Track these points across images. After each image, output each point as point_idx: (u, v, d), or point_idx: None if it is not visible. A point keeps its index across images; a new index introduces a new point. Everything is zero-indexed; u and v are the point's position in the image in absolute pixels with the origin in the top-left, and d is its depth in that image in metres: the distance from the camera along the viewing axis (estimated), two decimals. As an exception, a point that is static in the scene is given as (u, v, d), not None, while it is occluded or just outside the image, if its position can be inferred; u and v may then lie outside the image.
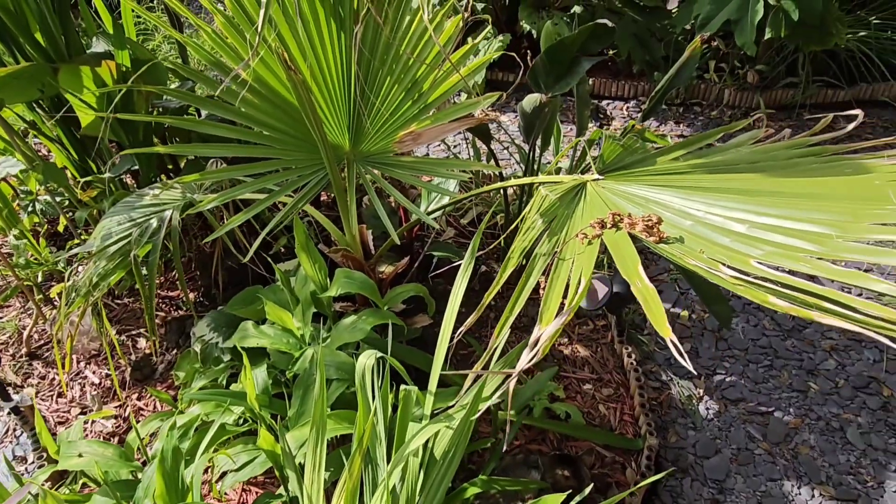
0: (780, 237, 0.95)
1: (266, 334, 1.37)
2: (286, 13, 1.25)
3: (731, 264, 0.90)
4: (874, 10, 3.33)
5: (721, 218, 1.04)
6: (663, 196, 1.15)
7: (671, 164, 1.26)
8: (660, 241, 1.00)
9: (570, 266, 1.01)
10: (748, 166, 1.20)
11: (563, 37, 1.38)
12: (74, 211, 2.30)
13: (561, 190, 1.20)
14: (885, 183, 1.03)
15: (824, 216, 0.97)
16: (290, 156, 1.39)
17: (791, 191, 1.09)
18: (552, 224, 1.13)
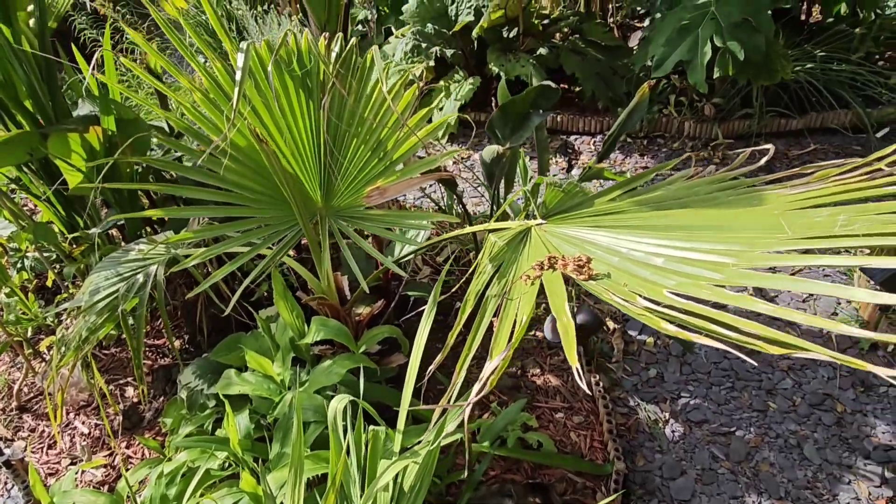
0: (689, 268, 1.07)
1: (248, 381, 1.46)
2: (258, 87, 1.37)
3: (647, 295, 1.02)
4: (818, 44, 3.55)
5: (643, 253, 1.16)
6: (596, 236, 1.28)
7: (607, 204, 1.39)
8: (589, 278, 1.11)
9: (517, 305, 1.12)
10: (674, 202, 1.33)
11: (514, 97, 1.52)
12: (62, 265, 2.39)
13: (508, 236, 1.32)
14: (782, 213, 1.15)
15: (727, 246, 1.09)
16: (266, 213, 1.50)
17: (704, 224, 1.22)
18: (501, 268, 1.24)
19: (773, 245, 1.03)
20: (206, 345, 2.21)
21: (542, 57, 3.64)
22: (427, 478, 1.15)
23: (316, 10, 2.02)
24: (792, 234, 1.03)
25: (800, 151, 3.30)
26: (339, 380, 1.38)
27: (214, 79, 1.40)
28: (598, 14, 4.19)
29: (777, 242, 1.03)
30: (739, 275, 1.01)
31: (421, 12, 3.63)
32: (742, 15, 2.75)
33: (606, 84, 3.64)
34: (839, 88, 3.38)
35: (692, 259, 1.09)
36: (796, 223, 1.06)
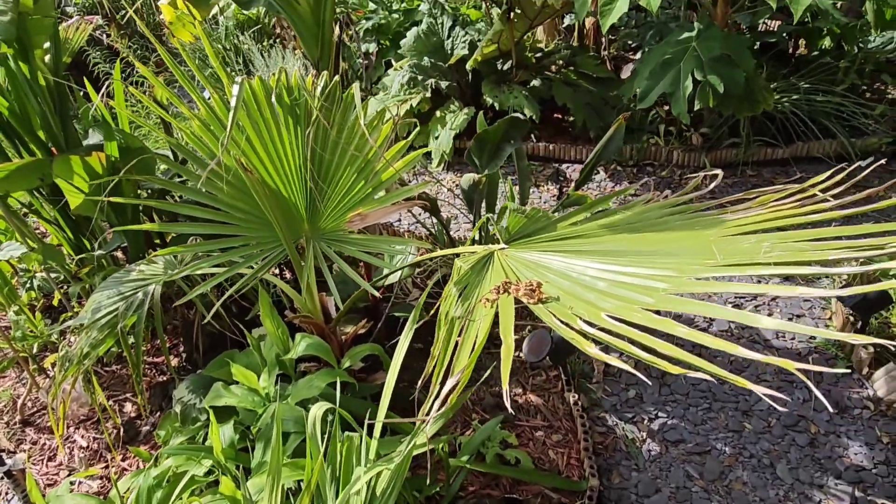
0: (625, 291, 1.16)
1: (234, 394, 1.55)
2: (251, 117, 1.49)
3: (587, 318, 1.11)
4: (804, 76, 3.67)
5: (590, 277, 1.25)
6: (553, 260, 1.37)
7: (567, 228, 1.48)
8: (539, 301, 1.20)
9: (477, 327, 1.21)
10: (627, 226, 1.42)
11: (486, 129, 1.63)
12: (69, 285, 2.50)
13: (473, 260, 1.41)
14: (716, 239, 1.24)
15: (662, 272, 1.17)
16: (255, 233, 1.61)
17: (648, 248, 1.31)
18: (465, 291, 1.33)
19: (699, 271, 1.12)
20: (202, 362, 2.30)
21: (535, 88, 3.78)
22: (399, 482, 1.23)
23: (308, 47, 2.17)
24: (721, 259, 1.11)
25: (786, 180, 3.38)
26: (319, 392, 1.47)
27: (212, 109, 1.53)
28: (591, 47, 4.34)
29: (704, 269, 1.12)
30: (666, 300, 1.10)
31: (418, 46, 3.79)
32: (722, 51, 2.87)
33: (597, 114, 3.76)
34: (824, 119, 3.47)
35: (628, 283, 1.18)
36: (726, 249, 1.15)
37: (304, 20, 2.03)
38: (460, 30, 3.75)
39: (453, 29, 3.77)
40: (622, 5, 2.72)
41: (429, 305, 2.60)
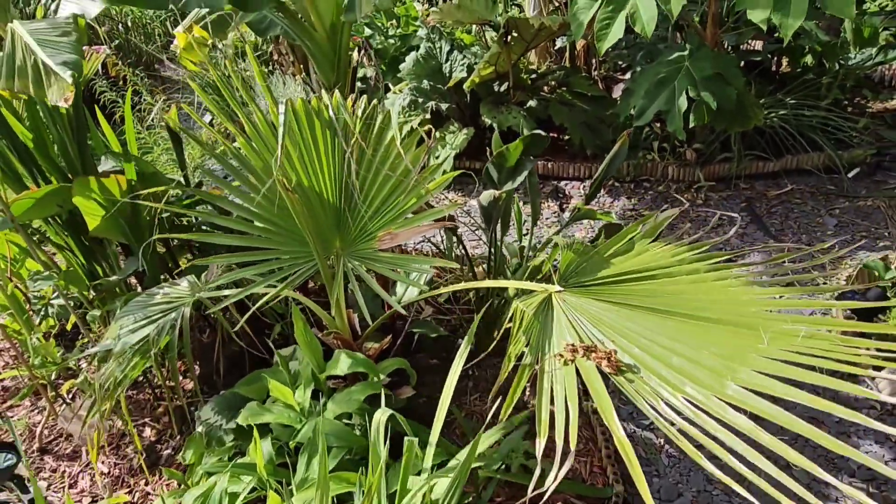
0: (699, 372, 1.26)
1: (270, 411, 1.57)
2: (292, 136, 1.55)
3: (668, 398, 1.18)
4: (789, 92, 3.82)
5: (661, 349, 1.34)
6: (614, 316, 1.46)
7: (613, 270, 1.57)
8: (616, 371, 1.28)
9: (549, 378, 1.28)
10: (664, 275, 1.51)
11: (508, 145, 1.70)
12: (83, 311, 2.51)
13: (533, 305, 1.48)
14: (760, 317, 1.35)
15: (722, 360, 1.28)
16: (288, 247, 1.66)
17: (696, 313, 1.42)
18: (531, 339, 1.41)
19: (755, 363, 1.23)
20: (222, 385, 2.32)
21: (532, 109, 3.89)
22: (458, 490, 1.26)
23: (324, 71, 2.23)
24: (767, 344, 1.22)
25: (777, 191, 3.50)
26: (358, 406, 1.50)
27: (256, 127, 1.59)
28: (582, 68, 4.48)
29: (760, 360, 1.23)
30: (736, 393, 1.21)
31: (417, 70, 3.89)
32: (714, 70, 2.99)
33: (593, 132, 3.87)
34: (811, 132, 3.62)
35: (701, 364, 1.28)
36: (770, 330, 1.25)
37: (321, 46, 2.10)
38: (458, 54, 3.85)
39: (451, 53, 3.87)
40: (618, 30, 2.84)
41: (439, 321, 2.64)
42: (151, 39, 5.84)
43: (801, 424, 1.19)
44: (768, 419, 1.21)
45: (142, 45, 5.52)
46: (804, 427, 1.18)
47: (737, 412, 1.20)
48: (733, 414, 1.19)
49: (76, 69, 1.80)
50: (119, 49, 5.23)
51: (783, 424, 1.20)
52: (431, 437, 1.44)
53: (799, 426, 1.18)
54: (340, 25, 2.06)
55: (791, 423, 1.18)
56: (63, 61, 1.83)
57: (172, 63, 5.40)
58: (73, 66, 1.80)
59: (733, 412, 1.20)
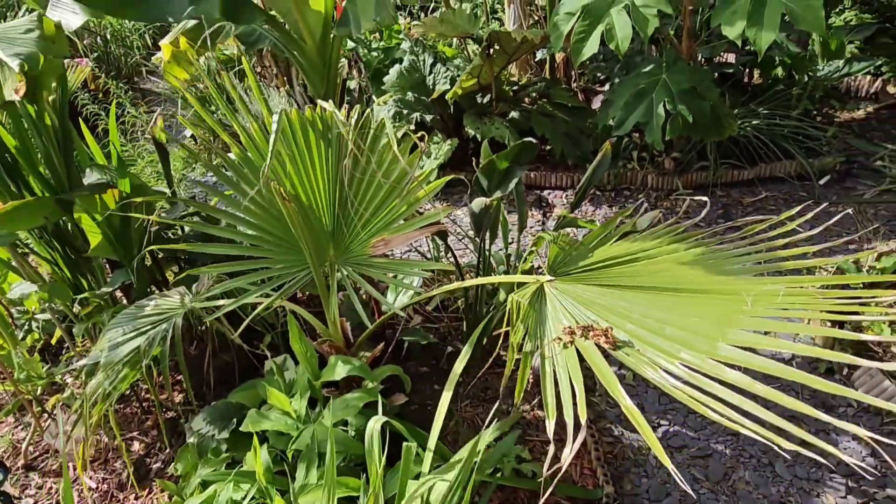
0: (691, 338, 1.31)
1: (268, 418, 1.58)
2: (287, 146, 1.58)
3: (665, 364, 1.23)
4: (762, 103, 3.95)
5: (654, 321, 1.39)
6: (604, 298, 1.50)
7: (599, 256, 1.62)
8: (614, 346, 1.32)
9: (550, 363, 1.32)
10: (645, 257, 1.56)
11: (498, 154, 1.75)
12: (68, 325, 2.48)
13: (527, 295, 1.52)
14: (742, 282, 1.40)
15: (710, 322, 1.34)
16: (282, 256, 1.67)
17: (682, 286, 1.46)
18: (529, 327, 1.44)
19: (743, 323, 1.30)
20: (212, 396, 2.31)
21: (515, 120, 3.95)
22: (458, 491, 1.28)
23: (314, 83, 2.26)
24: (752, 306, 1.28)
25: (752, 199, 3.61)
26: (356, 412, 1.52)
27: (251, 137, 1.61)
28: (562, 80, 4.57)
29: (746, 319, 1.29)
30: (728, 353, 1.27)
31: (401, 82, 3.94)
32: (689, 83, 3.09)
33: (574, 143, 3.95)
34: (783, 141, 3.74)
35: (693, 330, 1.34)
36: (753, 290, 1.32)
37: (311, 59, 2.13)
38: (441, 66, 3.91)
39: (434, 66, 3.93)
40: (593, 44, 2.92)
41: (427, 329, 2.67)
42: (131, 52, 5.80)
43: (792, 370, 1.24)
44: (760, 371, 1.28)
45: (121, 58, 5.48)
46: (795, 373, 1.24)
47: (731, 369, 1.27)
48: (728, 372, 1.24)
49: (29, 62, 1.76)
50: (99, 61, 5.19)
51: (774, 374, 1.27)
52: (430, 442, 1.47)
53: (790, 373, 1.23)
54: (331, 39, 2.10)
55: (782, 371, 1.25)
56: (15, 53, 1.79)
57: (153, 75, 5.38)
58: (26, 59, 1.76)
59: (728, 370, 1.26)
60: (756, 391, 1.26)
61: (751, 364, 1.27)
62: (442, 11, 3.74)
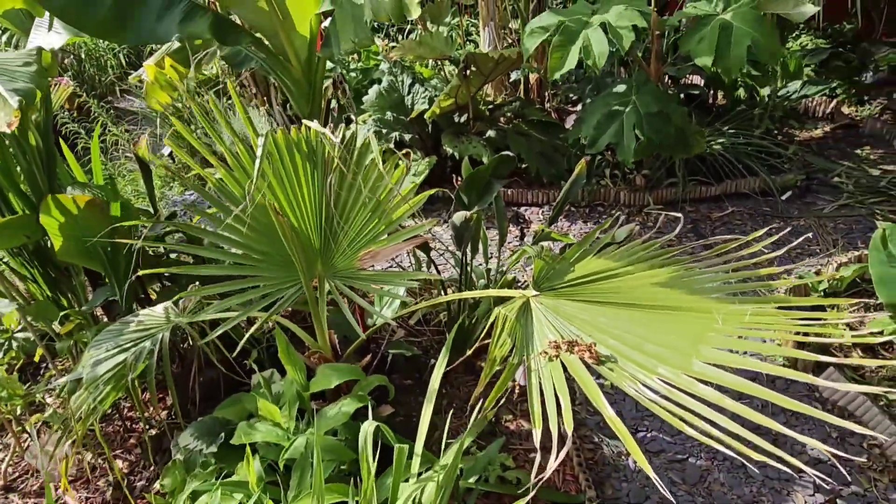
0: (666, 352, 1.39)
1: (258, 430, 1.61)
2: (273, 166, 1.62)
3: (644, 379, 1.32)
4: (726, 122, 4.14)
5: (634, 338, 1.47)
6: (588, 314, 1.58)
7: (580, 272, 1.70)
8: (597, 361, 1.40)
9: (536, 375, 1.39)
10: (625, 272, 1.65)
11: (478, 168, 1.82)
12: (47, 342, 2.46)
13: (514, 309, 1.59)
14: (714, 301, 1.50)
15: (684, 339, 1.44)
16: (272, 273, 1.71)
17: (660, 303, 1.56)
18: (516, 340, 1.51)
19: (715, 341, 1.39)
20: (198, 412, 2.31)
21: (491, 139, 4.06)
22: (447, 492, 1.33)
23: (299, 104, 2.32)
24: (723, 324, 1.38)
25: (720, 214, 3.76)
26: (346, 420, 1.56)
27: (238, 159, 1.65)
28: (536, 100, 4.72)
29: (717, 337, 1.39)
30: (701, 369, 1.36)
31: (380, 102, 4.02)
32: (658, 107, 3.24)
33: (549, 161, 4.07)
34: (747, 159, 3.92)
35: (670, 346, 1.42)
36: (723, 309, 1.41)
37: (297, 80, 2.19)
38: (419, 87, 4.01)
39: (413, 86, 4.03)
40: (571, 61, 3.05)
41: (410, 342, 2.72)
42: (105, 71, 5.79)
43: (758, 388, 1.33)
44: (730, 387, 1.37)
45: (96, 77, 5.47)
46: (762, 391, 1.33)
47: (703, 385, 1.36)
48: (701, 387, 1.33)
49: (26, 97, 1.81)
50: (73, 80, 5.17)
51: (743, 390, 1.36)
52: (417, 447, 1.51)
53: (757, 390, 1.32)
54: (316, 60, 2.16)
55: (749, 388, 1.34)
56: (14, 88, 1.84)
57: (128, 94, 5.37)
58: (24, 94, 1.81)
59: (701, 385, 1.35)
60: (725, 405, 1.35)
61: (722, 380, 1.37)
62: (420, 34, 3.85)
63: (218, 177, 1.72)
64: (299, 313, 2.78)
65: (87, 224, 2.10)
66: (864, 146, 4.34)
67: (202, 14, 1.80)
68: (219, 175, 1.79)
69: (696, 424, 1.32)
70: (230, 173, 1.69)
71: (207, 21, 1.83)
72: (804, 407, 1.33)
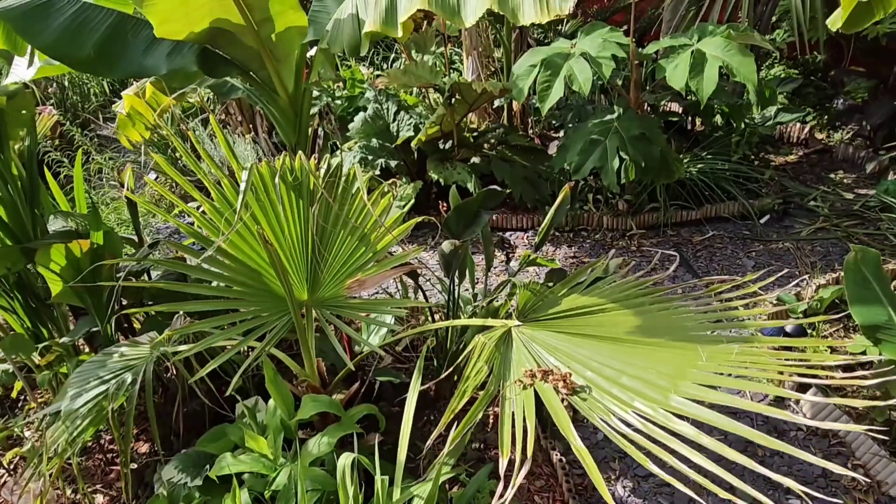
0: (647, 390, 1.40)
1: (243, 461, 1.58)
2: (258, 197, 1.63)
3: (620, 413, 1.32)
4: (704, 148, 4.24)
5: (613, 370, 1.49)
6: (566, 346, 1.60)
7: (567, 306, 1.72)
8: (572, 392, 1.41)
9: (510, 404, 1.39)
10: (615, 309, 1.68)
11: (467, 200, 1.85)
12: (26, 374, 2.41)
13: (494, 337, 1.60)
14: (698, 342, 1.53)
15: (663, 370, 1.44)
16: (259, 306, 1.70)
17: (644, 339, 1.58)
18: (493, 368, 1.52)
19: (697, 377, 1.39)
20: (181, 444, 2.27)
21: (476, 165, 4.11)
22: None
23: (286, 133, 2.35)
24: (706, 361, 1.40)
25: (701, 237, 3.83)
26: (330, 450, 1.54)
27: (222, 193, 1.66)
28: (519, 127, 4.80)
29: (699, 374, 1.40)
30: (680, 405, 1.37)
31: (366, 129, 4.06)
32: (639, 130, 3.32)
33: (533, 186, 4.13)
34: (726, 184, 4.01)
35: (644, 377, 1.43)
36: (707, 349, 1.44)
37: (283, 110, 2.22)
38: (405, 114, 4.06)
39: (398, 113, 4.08)
40: (558, 91, 3.13)
41: (398, 370, 2.70)
42: (89, 99, 5.78)
43: (736, 425, 1.35)
44: (707, 423, 1.39)
45: (78, 104, 5.46)
46: (739, 427, 1.33)
47: (680, 420, 1.36)
48: (677, 422, 1.33)
49: None
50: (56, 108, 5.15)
51: (720, 427, 1.38)
52: (397, 477, 1.50)
53: (734, 427, 1.34)
54: (302, 89, 2.19)
55: (727, 426, 1.36)
56: None
57: (112, 122, 5.36)
58: None
59: (677, 420, 1.35)
60: (703, 443, 1.37)
61: (699, 416, 1.38)
62: (405, 63, 3.91)
63: (202, 210, 1.72)
64: (285, 340, 2.76)
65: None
66: (837, 170, 4.47)
67: (189, 47, 1.83)
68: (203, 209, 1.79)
69: (668, 462, 1.32)
70: (213, 206, 1.70)
71: (194, 54, 1.85)
72: (783, 445, 1.34)
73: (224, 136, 1.89)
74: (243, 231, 1.66)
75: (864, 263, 2.06)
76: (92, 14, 2.06)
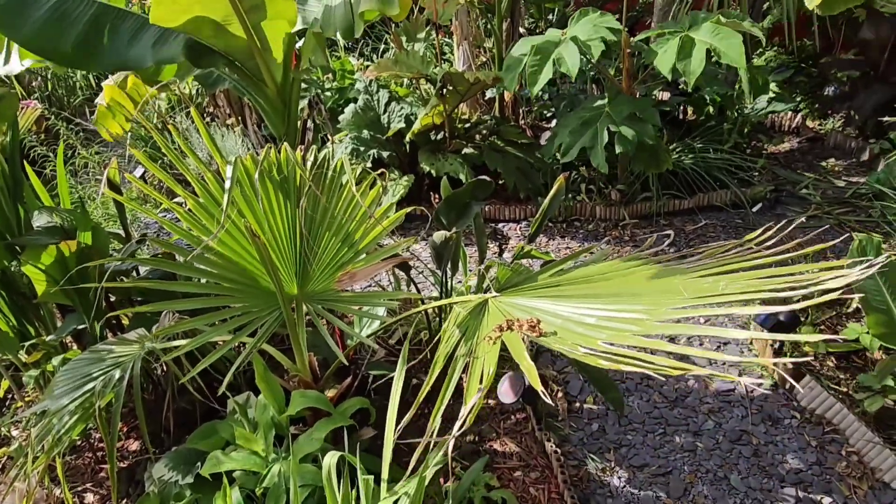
0: (615, 324, 1.37)
1: (234, 458, 1.56)
2: (244, 192, 1.60)
3: (585, 345, 1.29)
4: (696, 137, 4.22)
5: (579, 315, 1.45)
6: (541, 304, 1.56)
7: (547, 279, 1.68)
8: (540, 335, 1.37)
9: (482, 363, 1.35)
10: (600, 276, 1.64)
11: (457, 190, 1.82)
12: (12, 373, 2.37)
13: (470, 306, 1.57)
14: (680, 282, 1.48)
15: (642, 307, 1.39)
16: (249, 302, 1.67)
17: (623, 291, 1.53)
18: (465, 333, 1.48)
19: (675, 304, 1.34)
20: (172, 442, 2.24)
21: (468, 156, 4.08)
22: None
23: (275, 124, 2.30)
24: (687, 296, 1.36)
25: (693, 226, 3.82)
26: (320, 445, 1.52)
27: (207, 188, 1.62)
28: (511, 118, 4.76)
29: (678, 302, 1.35)
30: (652, 326, 1.32)
31: (356, 121, 4.02)
32: (631, 110, 3.32)
33: (525, 177, 4.10)
34: (718, 173, 4.00)
35: (617, 318, 1.39)
36: (690, 288, 1.39)
37: (272, 101, 2.18)
38: (396, 104, 4.02)
39: (389, 104, 4.04)
40: (546, 74, 3.10)
41: (391, 363, 2.68)
42: (74, 92, 5.69)
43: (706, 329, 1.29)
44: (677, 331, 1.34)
45: (64, 98, 5.37)
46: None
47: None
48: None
49: None
50: (41, 102, 5.07)
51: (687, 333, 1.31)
52: (384, 472, 1.48)
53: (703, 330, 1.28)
54: (290, 80, 2.15)
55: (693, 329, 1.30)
56: None
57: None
58: None
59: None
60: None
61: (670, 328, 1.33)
62: (396, 53, 3.87)
63: (187, 207, 1.68)
64: (276, 335, 2.73)
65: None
66: (828, 158, 4.47)
67: (175, 37, 1.78)
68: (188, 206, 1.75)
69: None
70: (198, 202, 1.66)
71: (181, 44, 1.81)
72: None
73: (208, 130, 1.85)
74: (230, 227, 1.62)
75: (870, 250, 2.08)
76: (73, 5, 2.00)
